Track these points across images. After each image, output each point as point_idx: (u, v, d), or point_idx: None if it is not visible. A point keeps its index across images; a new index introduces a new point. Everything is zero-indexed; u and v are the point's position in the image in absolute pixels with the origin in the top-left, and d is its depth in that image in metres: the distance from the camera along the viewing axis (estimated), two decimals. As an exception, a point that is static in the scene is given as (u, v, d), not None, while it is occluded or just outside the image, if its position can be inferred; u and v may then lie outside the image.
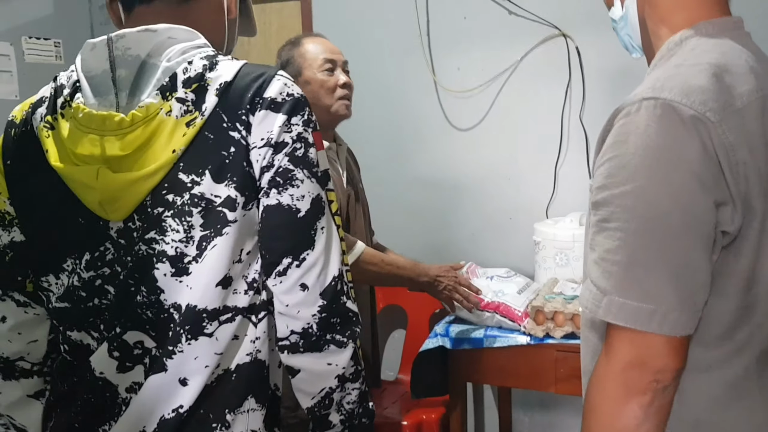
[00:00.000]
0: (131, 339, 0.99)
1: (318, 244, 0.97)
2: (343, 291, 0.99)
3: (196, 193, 0.94)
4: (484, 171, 2.65)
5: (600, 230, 0.90)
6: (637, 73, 2.22)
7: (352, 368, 1.00)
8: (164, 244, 0.95)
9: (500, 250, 2.63)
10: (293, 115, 0.96)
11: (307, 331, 0.97)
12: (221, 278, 0.95)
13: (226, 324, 0.97)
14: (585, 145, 2.48)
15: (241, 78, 0.96)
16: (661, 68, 0.95)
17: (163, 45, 0.96)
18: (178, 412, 0.97)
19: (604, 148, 0.92)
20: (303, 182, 0.96)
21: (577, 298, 1.99)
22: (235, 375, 0.99)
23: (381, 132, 2.73)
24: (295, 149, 0.96)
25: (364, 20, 2.77)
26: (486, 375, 2.14)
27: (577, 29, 2.45)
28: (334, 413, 1.00)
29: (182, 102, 0.94)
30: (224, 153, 0.94)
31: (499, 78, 2.58)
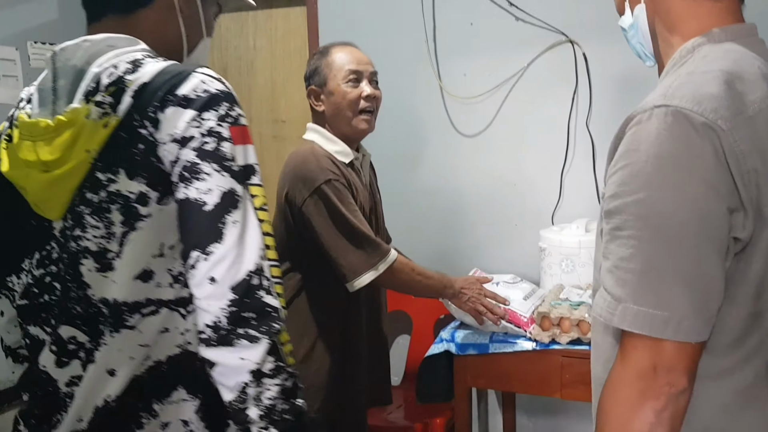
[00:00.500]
0: (65, 334, 1.03)
1: (227, 237, 0.96)
2: (260, 286, 0.97)
3: (113, 190, 0.97)
4: (489, 177, 2.65)
5: (613, 238, 0.90)
6: (644, 80, 2.23)
7: (271, 364, 0.97)
8: (86, 240, 1.00)
9: (505, 256, 2.63)
10: (205, 110, 0.97)
11: (217, 325, 0.96)
12: (139, 272, 0.98)
13: (150, 316, 0.99)
14: (591, 152, 2.48)
15: (158, 77, 0.98)
16: (672, 76, 0.95)
17: (99, 53, 1.01)
18: (106, 401, 1.00)
19: (616, 156, 0.92)
20: (211, 176, 0.96)
21: (583, 304, 1.99)
22: (165, 366, 1.02)
23: (386, 137, 2.72)
24: (204, 143, 0.96)
25: (370, 26, 2.77)
26: (491, 380, 2.14)
27: (584, 36, 2.45)
28: (252, 408, 0.98)
29: (100, 105, 0.98)
30: (135, 150, 0.97)
31: (505, 84, 2.59)
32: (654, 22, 1.05)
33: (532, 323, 2.02)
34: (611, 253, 0.90)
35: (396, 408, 2.58)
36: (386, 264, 1.80)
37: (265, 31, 3.06)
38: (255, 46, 3.09)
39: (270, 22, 3.05)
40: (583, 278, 2.19)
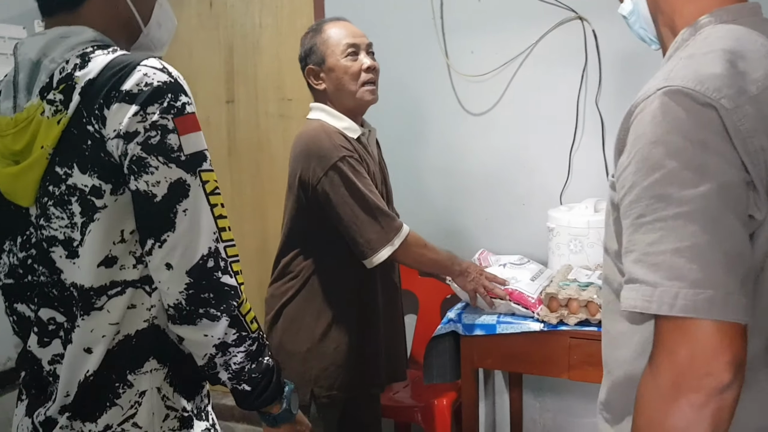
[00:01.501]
0: (44, 316, 1.12)
1: (179, 225, 1.03)
2: (217, 267, 1.06)
3: (70, 183, 1.03)
4: (497, 156, 2.63)
5: (637, 228, 0.87)
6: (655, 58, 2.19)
7: (234, 335, 1.08)
8: (52, 230, 1.06)
9: (513, 236, 2.61)
10: (149, 104, 1.00)
11: (178, 306, 1.05)
12: (102, 259, 1.05)
13: (116, 297, 1.06)
14: (601, 131, 2.46)
15: (104, 73, 1.01)
16: (674, 60, 0.94)
17: (51, 44, 1.05)
18: (86, 376, 1.08)
19: (627, 149, 0.90)
20: (158, 168, 1.01)
21: (591, 285, 1.97)
22: (135, 340, 1.09)
23: (393, 116, 2.71)
24: (149, 137, 1.01)
25: (376, 2, 2.73)
26: (499, 361, 2.13)
27: (594, 12, 2.41)
28: (222, 372, 1.11)
29: (52, 103, 1.03)
30: (84, 146, 1.02)
31: (513, 62, 2.56)
32: (654, 7, 1.04)
33: (539, 304, 2.01)
34: (636, 242, 0.87)
35: (403, 387, 2.59)
36: (401, 238, 1.83)
37: (271, 9, 3.03)
38: (261, 24, 3.05)
39: (276, 0, 3.01)
40: (591, 258, 2.17)
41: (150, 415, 1.11)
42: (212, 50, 3.15)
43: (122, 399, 1.09)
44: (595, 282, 2.00)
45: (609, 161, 2.45)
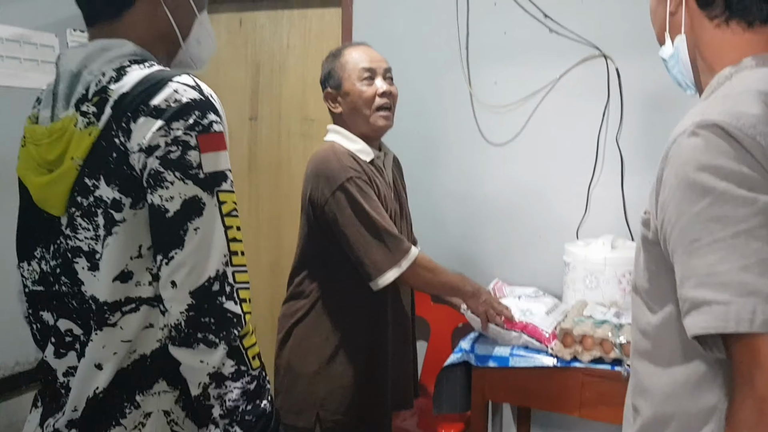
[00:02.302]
0: (63, 326, 1.11)
1: (188, 244, 1.00)
2: (222, 292, 1.02)
3: (97, 195, 1.03)
4: (515, 187, 2.64)
5: (692, 253, 0.87)
6: (677, 99, 2.21)
7: (231, 368, 1.03)
8: (78, 240, 1.07)
9: (528, 268, 2.61)
10: (175, 120, 1.00)
11: (178, 327, 1.02)
12: (118, 273, 1.04)
13: (130, 314, 1.05)
14: (620, 168, 2.46)
15: (137, 87, 1.02)
16: (709, 99, 0.96)
17: (90, 57, 1.06)
18: (95, 393, 1.06)
19: (667, 184, 0.91)
20: (173, 184, 1.00)
21: (606, 322, 1.97)
22: (149, 360, 1.07)
23: (414, 142, 2.73)
24: (169, 152, 1.00)
25: (404, 30, 2.77)
26: (510, 394, 2.12)
27: (618, 51, 2.43)
28: (216, 406, 1.04)
29: (85, 115, 1.03)
30: (110, 159, 1.02)
31: (536, 95, 2.58)
32: (694, 53, 1.06)
33: (553, 339, 2.01)
34: (695, 267, 0.86)
35: (410, 416, 2.58)
36: (409, 261, 1.81)
37: (299, 30, 3.07)
38: (288, 45, 3.09)
39: (305, 21, 3.06)
40: (607, 295, 2.17)
41: None
42: (239, 67, 3.20)
43: (127, 419, 1.07)
44: (610, 320, 1.99)
45: (628, 199, 2.46)
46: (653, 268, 1.00)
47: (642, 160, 2.44)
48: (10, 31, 2.73)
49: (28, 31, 2.81)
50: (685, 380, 0.97)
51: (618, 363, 1.91)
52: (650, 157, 2.40)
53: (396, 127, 2.72)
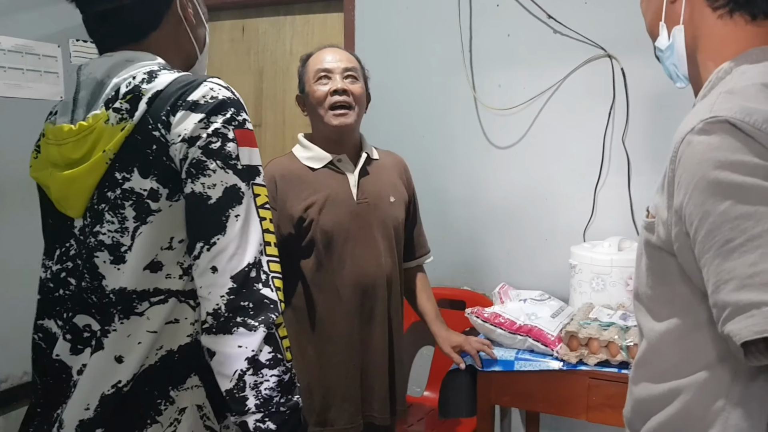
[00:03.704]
0: (80, 322, 1.11)
1: (230, 230, 1.03)
2: (258, 279, 1.04)
3: (127, 188, 1.05)
4: (521, 190, 2.62)
5: (727, 255, 0.82)
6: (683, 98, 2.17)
7: (269, 354, 1.03)
8: (102, 235, 1.08)
9: (534, 271, 2.59)
10: (214, 114, 1.04)
11: (217, 312, 1.02)
12: (148, 262, 1.05)
13: (158, 305, 1.06)
14: (627, 169, 2.44)
15: (172, 86, 1.06)
16: (712, 95, 0.93)
17: (118, 66, 1.10)
18: (118, 388, 1.05)
19: (681, 185, 0.88)
20: (215, 172, 1.03)
21: (613, 325, 1.94)
22: (177, 355, 1.08)
23: (418, 146, 2.72)
24: (210, 142, 1.03)
25: (406, 34, 2.76)
26: (516, 398, 2.10)
27: (623, 51, 2.41)
28: (251, 397, 1.03)
29: (118, 111, 1.06)
30: (148, 151, 1.05)
31: (540, 97, 2.55)
32: (693, 45, 1.03)
33: (559, 342, 1.98)
34: (732, 270, 0.81)
35: (416, 420, 2.56)
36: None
37: (302, 36, 3.07)
38: (291, 51, 3.09)
39: (307, 27, 3.05)
40: (614, 298, 2.14)
41: None
42: (243, 74, 3.20)
43: (163, 416, 1.08)
44: (617, 322, 1.97)
45: (635, 200, 2.43)
46: (657, 274, 0.98)
47: (649, 160, 2.41)
48: (12, 42, 2.75)
49: (31, 41, 2.82)
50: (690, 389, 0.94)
51: (625, 366, 1.88)
52: (657, 158, 2.37)
53: (400, 132, 2.74)
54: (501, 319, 2.06)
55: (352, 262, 1.85)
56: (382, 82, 2.53)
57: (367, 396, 1.90)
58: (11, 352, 2.79)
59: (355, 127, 1.90)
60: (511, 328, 2.03)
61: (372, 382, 1.90)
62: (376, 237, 1.89)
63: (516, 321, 2.04)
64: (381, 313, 1.89)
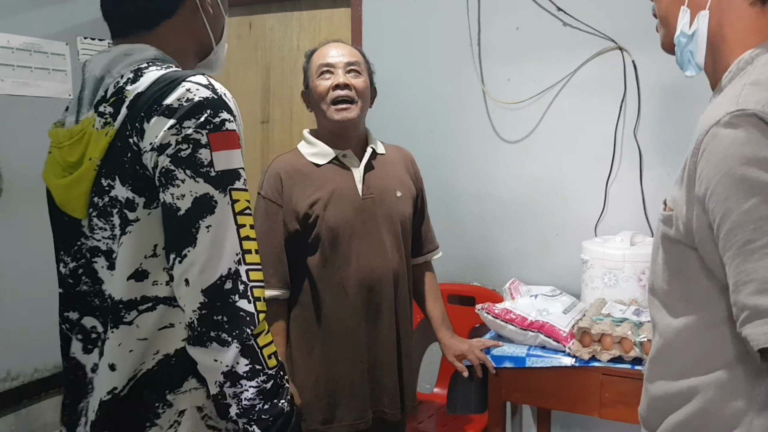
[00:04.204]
0: (88, 324, 1.13)
1: (200, 242, 1.00)
2: (235, 290, 1.01)
3: (113, 195, 1.05)
4: (531, 185, 2.59)
5: (748, 255, 0.81)
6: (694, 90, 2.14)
7: (246, 367, 1.02)
8: (95, 240, 1.08)
9: (545, 266, 2.57)
10: (187, 118, 1.00)
11: (192, 326, 1.02)
12: (132, 272, 1.04)
13: (146, 312, 1.05)
14: (638, 163, 2.41)
15: (152, 87, 1.03)
16: (736, 86, 0.91)
17: (115, 61, 1.08)
18: (114, 394, 1.06)
19: (703, 179, 0.86)
20: (184, 182, 1.00)
21: (626, 321, 1.92)
22: (174, 359, 1.07)
23: (427, 141, 2.70)
24: (180, 150, 1.00)
25: (414, 28, 2.74)
26: (527, 395, 2.08)
27: (634, 43, 2.38)
28: (233, 405, 1.04)
29: (102, 115, 1.05)
30: (125, 159, 1.03)
31: (550, 90, 2.53)
32: (717, 32, 1.00)
33: (571, 338, 1.96)
34: (752, 271, 0.80)
35: (426, 417, 2.54)
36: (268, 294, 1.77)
37: (309, 32, 3.05)
38: (298, 47, 3.08)
39: (314, 23, 3.04)
40: (626, 293, 2.12)
41: None
42: (250, 71, 3.18)
43: (162, 419, 1.07)
44: (630, 318, 1.94)
45: (647, 194, 2.40)
46: (674, 268, 0.96)
47: (661, 153, 2.38)
48: (20, 40, 2.75)
49: (39, 40, 2.82)
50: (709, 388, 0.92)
51: (638, 362, 1.86)
52: (669, 151, 2.34)
53: (408, 126, 2.72)
54: (512, 315, 2.04)
55: (357, 257, 1.84)
56: (390, 76, 2.51)
57: (377, 392, 1.89)
58: (22, 350, 2.80)
59: (358, 121, 1.88)
60: (523, 324, 2.01)
61: (380, 378, 1.89)
62: (382, 232, 1.87)
63: (527, 317, 2.02)
64: (388, 308, 1.88)
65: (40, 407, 2.91)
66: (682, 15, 1.03)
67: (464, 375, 2.00)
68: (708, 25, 1.00)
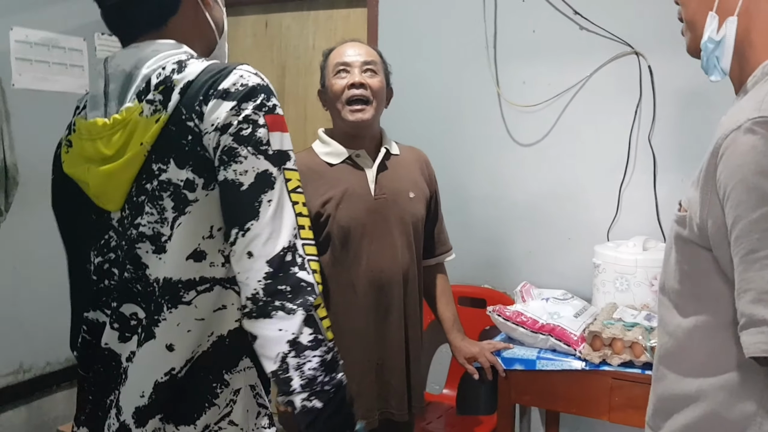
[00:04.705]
0: (127, 311, 1.14)
1: (263, 215, 1.04)
2: (294, 262, 1.05)
3: (164, 179, 1.07)
4: (544, 188, 2.59)
5: (750, 264, 0.82)
6: (710, 96, 2.15)
7: (310, 336, 1.03)
8: (142, 226, 1.10)
9: (557, 270, 2.56)
10: (245, 101, 1.05)
11: (256, 297, 1.03)
12: (191, 252, 1.08)
13: (204, 293, 1.09)
14: (653, 168, 2.40)
15: (202, 75, 1.07)
16: (759, 91, 0.91)
17: (146, 57, 1.11)
18: (172, 375, 1.09)
19: (719, 184, 0.86)
20: (247, 158, 1.04)
21: (637, 325, 1.91)
22: (228, 340, 1.11)
23: (440, 142, 2.70)
24: (241, 129, 1.04)
25: (430, 29, 2.75)
26: (537, 397, 2.08)
27: (650, 48, 2.38)
28: (296, 377, 1.04)
29: (151, 103, 1.08)
30: (183, 141, 1.06)
31: (565, 94, 2.53)
32: (744, 38, 1.00)
33: (582, 342, 1.96)
34: (752, 280, 0.82)
35: (435, 418, 2.54)
36: None
37: (325, 32, 3.06)
38: (314, 46, 3.09)
39: (330, 22, 3.05)
40: (638, 298, 2.11)
41: (245, 412, 1.13)
42: (265, 69, 3.16)
43: (220, 398, 1.11)
44: (641, 323, 1.94)
45: (660, 199, 2.40)
46: (686, 269, 0.96)
47: (675, 159, 2.37)
48: (39, 35, 2.78)
49: (57, 35, 2.85)
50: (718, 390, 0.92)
51: (648, 367, 1.85)
52: (684, 157, 2.34)
53: (421, 127, 2.72)
54: (523, 318, 2.04)
55: (368, 257, 1.84)
56: (405, 77, 2.52)
57: (384, 392, 1.89)
58: (35, 343, 2.83)
59: (372, 122, 1.88)
60: (534, 327, 2.01)
61: (389, 378, 1.89)
62: (393, 233, 1.88)
63: (538, 320, 2.02)
64: (397, 309, 1.88)
65: (51, 399, 2.94)
66: (710, 21, 1.02)
67: (474, 377, 2.01)
68: (735, 32, 1.00)
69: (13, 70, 2.69)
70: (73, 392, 2.99)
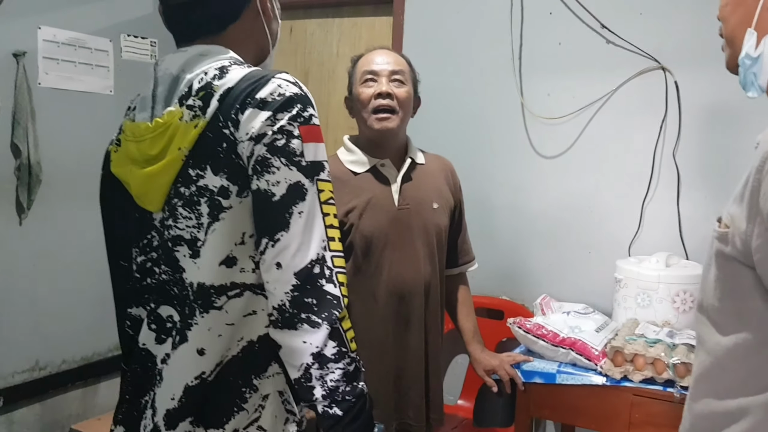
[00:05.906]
0: (164, 313, 1.16)
1: (293, 226, 1.04)
2: (322, 275, 1.05)
3: (201, 185, 1.08)
4: (566, 201, 2.58)
5: None
6: (737, 113, 2.14)
7: (333, 349, 1.05)
8: (179, 230, 1.11)
9: (577, 284, 2.55)
10: (280, 111, 1.05)
11: (282, 308, 1.04)
12: (223, 258, 1.08)
13: (235, 298, 1.10)
14: (677, 184, 2.38)
15: (242, 83, 1.08)
16: None
17: (192, 61, 1.13)
18: (202, 379, 1.10)
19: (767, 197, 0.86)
20: (279, 169, 1.04)
21: (659, 342, 1.90)
22: (257, 345, 1.12)
23: (463, 151, 2.68)
24: (275, 140, 1.04)
25: (455, 39, 2.75)
26: (556, 412, 2.06)
27: (677, 63, 2.36)
28: (318, 387, 1.05)
29: (191, 108, 1.09)
30: (219, 149, 1.07)
31: (590, 107, 2.52)
32: None
33: (603, 357, 1.94)
34: None
35: (451, 429, 2.53)
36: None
37: (350, 38, 3.07)
38: (338, 53, 3.10)
39: (355, 30, 3.06)
40: (659, 314, 2.10)
41: (273, 418, 1.14)
42: (288, 75, 3.20)
43: (248, 403, 1.12)
44: (664, 339, 1.92)
45: (684, 216, 2.38)
46: (727, 286, 0.95)
47: (700, 176, 2.35)
48: (66, 35, 2.80)
49: (84, 35, 2.88)
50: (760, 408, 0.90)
51: (670, 384, 1.83)
52: (708, 174, 2.32)
53: (444, 136, 2.72)
54: (544, 331, 2.03)
55: (390, 268, 1.84)
56: (430, 86, 2.51)
57: (402, 402, 1.88)
58: (52, 341, 2.84)
59: (398, 131, 1.87)
60: (554, 341, 2.00)
61: (407, 389, 1.88)
62: (416, 243, 1.87)
63: (559, 333, 2.01)
64: (418, 319, 1.87)
65: (65, 398, 2.95)
66: (749, 37, 1.02)
67: (493, 390, 1.99)
68: None
69: (40, 68, 2.72)
70: (86, 391, 3.03)
